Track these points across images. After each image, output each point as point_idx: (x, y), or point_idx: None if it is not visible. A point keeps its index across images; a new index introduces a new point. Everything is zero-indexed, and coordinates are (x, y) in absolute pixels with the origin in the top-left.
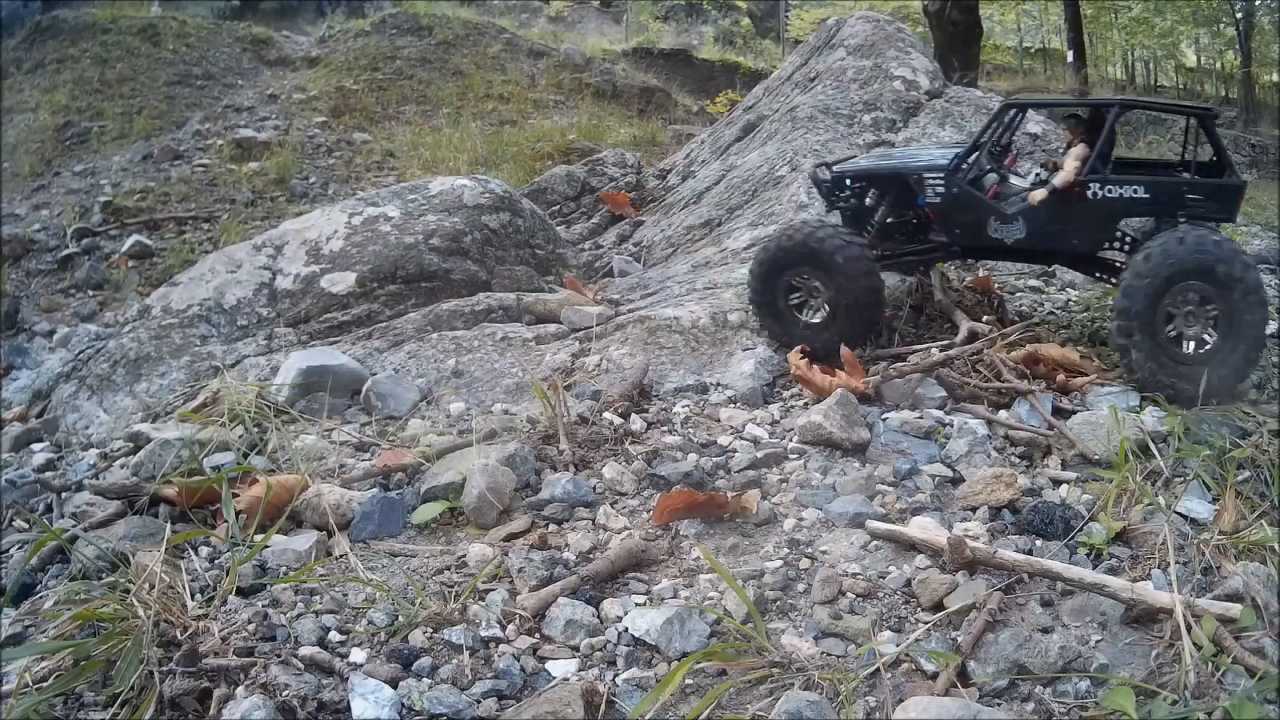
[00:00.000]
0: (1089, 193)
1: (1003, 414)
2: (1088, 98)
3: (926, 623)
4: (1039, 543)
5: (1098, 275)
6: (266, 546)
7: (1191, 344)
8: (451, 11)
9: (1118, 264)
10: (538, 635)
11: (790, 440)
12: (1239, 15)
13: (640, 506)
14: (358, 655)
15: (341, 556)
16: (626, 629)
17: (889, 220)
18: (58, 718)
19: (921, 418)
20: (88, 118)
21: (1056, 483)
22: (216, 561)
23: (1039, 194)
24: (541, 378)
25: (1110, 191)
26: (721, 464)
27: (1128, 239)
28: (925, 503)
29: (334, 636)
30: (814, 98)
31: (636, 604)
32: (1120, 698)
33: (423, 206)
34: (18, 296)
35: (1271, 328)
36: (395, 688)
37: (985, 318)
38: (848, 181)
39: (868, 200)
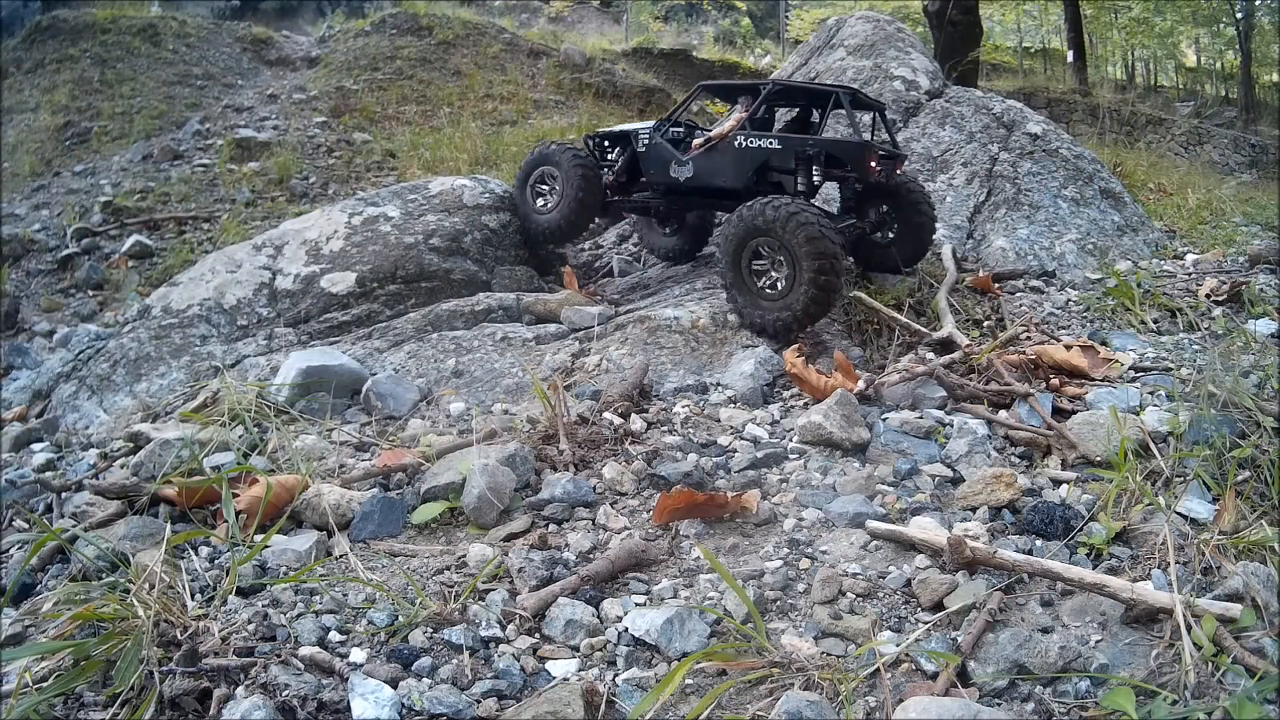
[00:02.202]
0: (736, 143)
1: (1003, 414)
2: (750, 80)
3: (926, 623)
4: (1039, 543)
5: None
6: (266, 546)
7: (770, 286)
8: (451, 11)
9: None
10: (538, 635)
11: (790, 440)
12: (1239, 15)
13: (640, 506)
14: (358, 655)
15: (341, 556)
16: (626, 629)
17: (624, 169)
18: (58, 718)
19: (921, 418)
20: (88, 118)
21: (1056, 483)
22: (216, 561)
23: (698, 141)
24: (541, 378)
25: (751, 143)
26: (721, 464)
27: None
28: (925, 503)
29: (334, 636)
30: None
31: (636, 604)
32: (1120, 698)
33: (423, 206)
34: (18, 296)
35: (1271, 327)
36: (395, 688)
37: (985, 322)
38: (605, 142)
39: (612, 154)
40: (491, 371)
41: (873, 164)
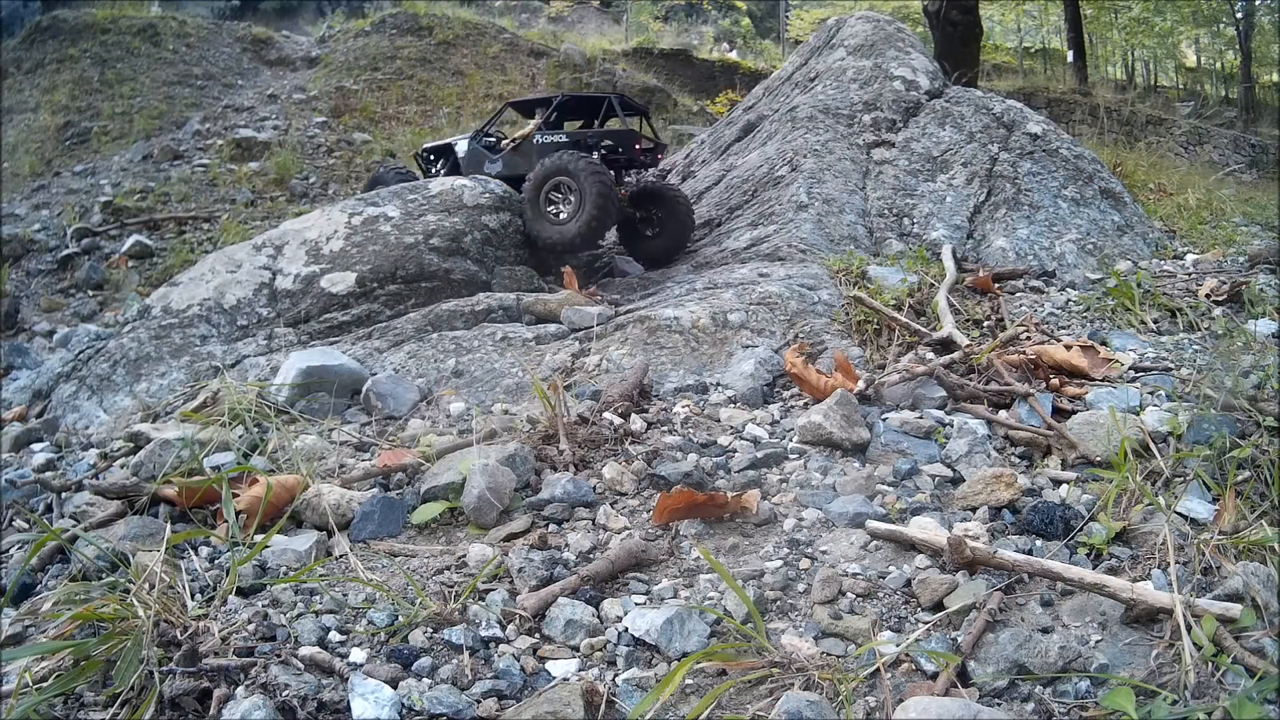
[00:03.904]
0: (536, 140)
1: (1003, 414)
2: (546, 94)
3: (926, 623)
4: (1039, 543)
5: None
6: (266, 547)
7: (561, 213)
8: (451, 11)
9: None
10: (538, 635)
11: (790, 440)
12: (1239, 15)
13: (640, 506)
14: (358, 655)
15: (341, 556)
16: (626, 629)
17: (449, 173)
18: (58, 718)
19: (921, 418)
20: (88, 118)
21: (1056, 483)
22: (216, 561)
23: (507, 141)
24: (541, 378)
25: (547, 139)
26: (721, 464)
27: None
28: (925, 503)
29: (334, 636)
30: (814, 98)
31: (636, 604)
32: (1120, 698)
33: (423, 206)
34: (18, 296)
35: (1271, 327)
36: (395, 688)
37: (985, 322)
38: (430, 155)
39: (437, 165)
40: (491, 371)
41: (637, 146)
